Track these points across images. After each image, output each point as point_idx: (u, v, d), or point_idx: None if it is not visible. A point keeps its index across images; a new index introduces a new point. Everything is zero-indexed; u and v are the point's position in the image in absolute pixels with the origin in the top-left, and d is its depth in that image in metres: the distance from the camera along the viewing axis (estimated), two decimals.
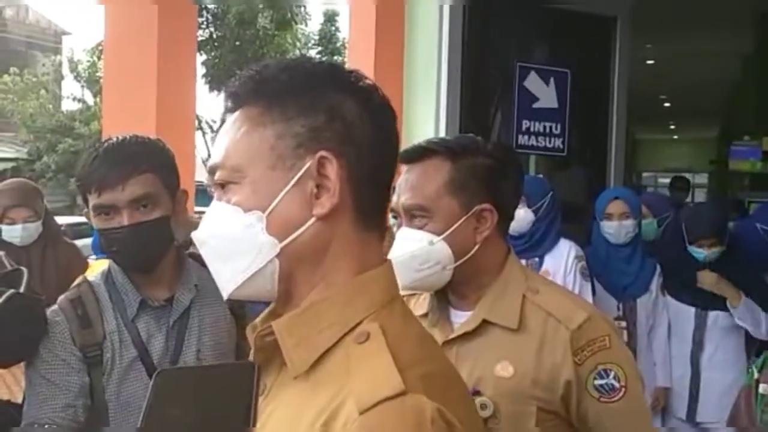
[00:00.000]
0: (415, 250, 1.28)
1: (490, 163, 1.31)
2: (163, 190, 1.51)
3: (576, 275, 2.98)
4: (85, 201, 1.52)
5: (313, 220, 0.79)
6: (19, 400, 1.80)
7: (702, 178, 16.66)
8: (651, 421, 1.32)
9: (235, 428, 1.22)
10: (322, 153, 0.78)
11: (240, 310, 1.67)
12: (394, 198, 1.33)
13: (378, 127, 0.82)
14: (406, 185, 1.31)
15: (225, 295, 0.85)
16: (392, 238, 1.34)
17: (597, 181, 3.85)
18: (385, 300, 0.81)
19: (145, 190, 1.47)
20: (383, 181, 0.84)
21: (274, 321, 0.81)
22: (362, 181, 0.81)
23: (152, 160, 1.51)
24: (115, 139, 1.52)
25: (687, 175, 8.88)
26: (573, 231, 3.21)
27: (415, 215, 1.30)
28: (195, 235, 0.86)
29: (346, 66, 0.88)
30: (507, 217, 1.34)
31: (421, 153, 1.31)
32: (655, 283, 3.18)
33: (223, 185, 0.82)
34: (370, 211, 0.82)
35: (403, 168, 1.34)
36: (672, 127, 18.05)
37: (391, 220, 1.21)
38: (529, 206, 2.95)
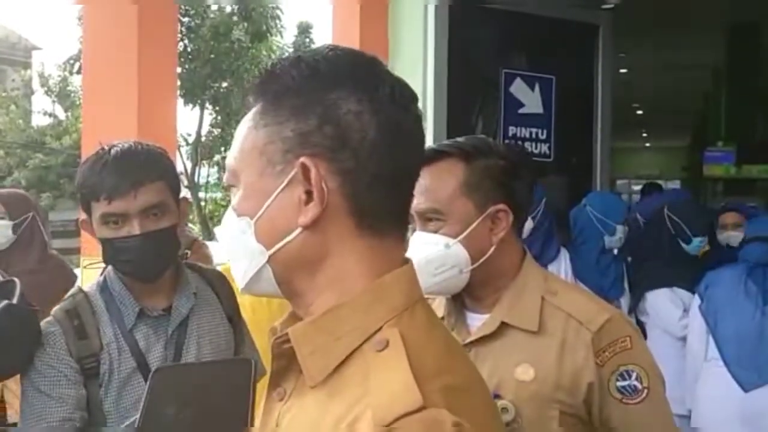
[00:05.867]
0: (431, 254, 1.25)
1: (503, 163, 1.30)
2: (171, 198, 1.50)
3: (572, 279, 3.03)
4: (88, 210, 1.49)
5: (299, 230, 0.75)
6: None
7: (674, 185, 16.94)
8: (674, 423, 1.31)
9: (232, 424, 1.18)
10: (303, 160, 0.74)
11: (237, 317, 1.65)
12: None
13: (386, 126, 0.76)
14: (419, 189, 1.27)
15: (241, 289, 0.84)
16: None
17: (583, 186, 3.87)
18: (407, 304, 0.77)
19: (157, 198, 1.46)
20: (398, 181, 0.78)
21: (290, 328, 0.77)
22: (365, 185, 0.75)
23: (161, 168, 1.50)
24: (120, 146, 1.49)
25: (659, 182, 9.00)
26: (559, 237, 3.23)
27: (429, 219, 1.28)
28: (216, 229, 0.87)
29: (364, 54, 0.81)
30: (521, 217, 1.33)
31: (434, 155, 1.29)
32: (626, 282, 3.37)
33: (228, 187, 0.82)
34: (379, 215, 0.77)
35: None
36: (644, 134, 18.33)
37: None
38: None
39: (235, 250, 0.81)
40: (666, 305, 3.21)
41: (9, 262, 2.72)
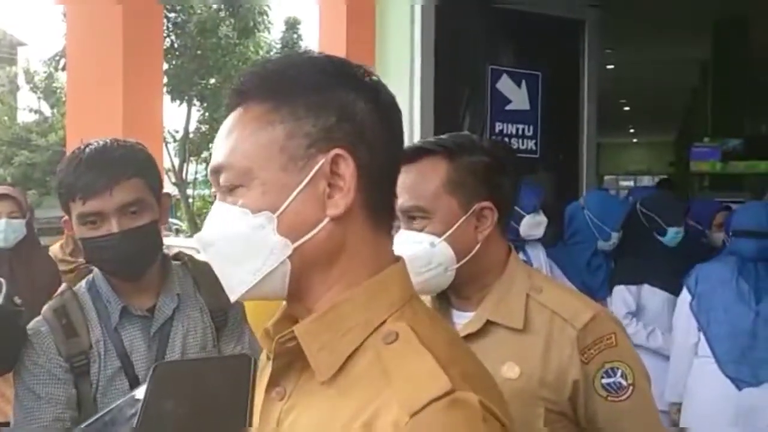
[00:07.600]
0: (416, 252, 1.25)
1: (487, 160, 1.29)
2: (150, 194, 1.47)
3: (549, 270, 3.04)
4: (67, 210, 1.47)
5: (327, 220, 0.77)
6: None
7: None
8: (660, 420, 1.31)
9: (231, 421, 1.18)
10: (337, 151, 0.77)
11: (221, 316, 1.63)
12: None
13: (387, 125, 0.81)
14: (403, 186, 1.28)
15: (233, 298, 0.82)
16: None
17: (570, 182, 3.89)
18: (404, 299, 0.80)
19: (134, 195, 1.43)
20: (392, 179, 0.84)
21: (295, 326, 0.78)
22: (374, 180, 0.79)
23: (138, 165, 1.46)
24: (95, 144, 1.47)
25: (646, 178, 9.04)
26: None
27: (414, 217, 1.27)
28: (199, 237, 0.83)
29: (350, 61, 0.86)
30: (506, 214, 1.33)
31: (418, 153, 1.29)
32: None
33: (230, 188, 0.79)
34: (381, 210, 0.81)
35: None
36: (632, 130, 18.41)
37: None
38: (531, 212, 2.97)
39: (243, 250, 0.78)
40: (616, 303, 3.19)
41: (20, 260, 2.69)
